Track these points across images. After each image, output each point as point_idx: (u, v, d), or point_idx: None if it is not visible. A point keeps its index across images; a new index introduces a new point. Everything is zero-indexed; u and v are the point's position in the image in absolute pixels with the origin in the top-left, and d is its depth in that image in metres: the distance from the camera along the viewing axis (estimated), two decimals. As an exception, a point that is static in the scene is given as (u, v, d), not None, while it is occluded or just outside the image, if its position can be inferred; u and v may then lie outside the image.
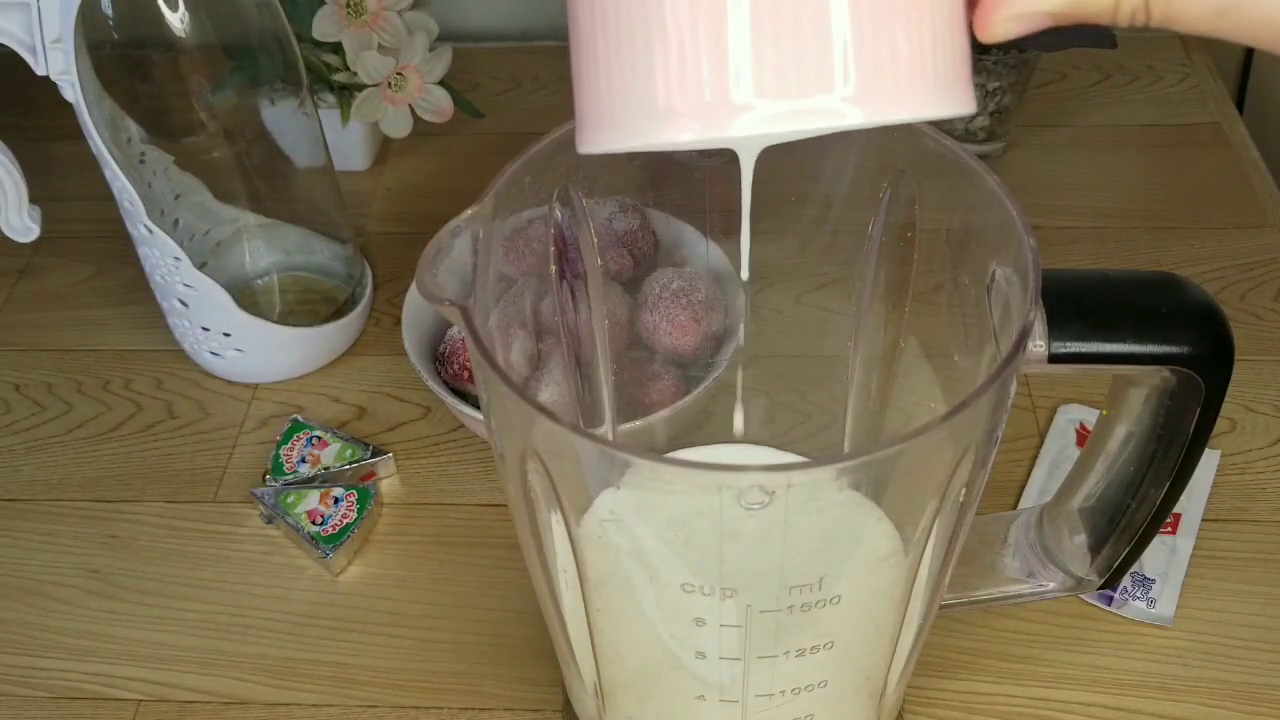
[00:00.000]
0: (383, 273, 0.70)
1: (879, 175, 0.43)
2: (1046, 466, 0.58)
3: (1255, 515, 0.56)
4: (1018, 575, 0.46)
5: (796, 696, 0.39)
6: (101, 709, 0.52)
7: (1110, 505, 0.42)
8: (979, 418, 0.33)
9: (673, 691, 0.41)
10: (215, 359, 0.63)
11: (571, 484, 0.35)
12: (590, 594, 0.38)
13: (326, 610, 0.55)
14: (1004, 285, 0.36)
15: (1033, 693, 0.50)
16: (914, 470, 0.34)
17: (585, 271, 0.45)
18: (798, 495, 0.32)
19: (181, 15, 0.54)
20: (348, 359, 0.66)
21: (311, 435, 0.60)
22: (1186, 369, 0.35)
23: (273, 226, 0.66)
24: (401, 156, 0.78)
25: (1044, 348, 0.35)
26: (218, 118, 0.59)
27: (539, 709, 0.51)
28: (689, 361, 0.54)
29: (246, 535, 0.58)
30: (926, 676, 0.51)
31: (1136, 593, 0.53)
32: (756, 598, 0.35)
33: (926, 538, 0.36)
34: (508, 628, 0.53)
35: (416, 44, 0.68)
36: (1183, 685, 0.50)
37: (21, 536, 0.59)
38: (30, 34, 0.52)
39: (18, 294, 0.71)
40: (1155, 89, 0.80)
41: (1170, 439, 0.38)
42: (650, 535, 0.37)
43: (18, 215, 0.56)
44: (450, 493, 0.59)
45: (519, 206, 0.40)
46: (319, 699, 0.52)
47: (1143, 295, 0.36)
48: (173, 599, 0.56)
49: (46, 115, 0.62)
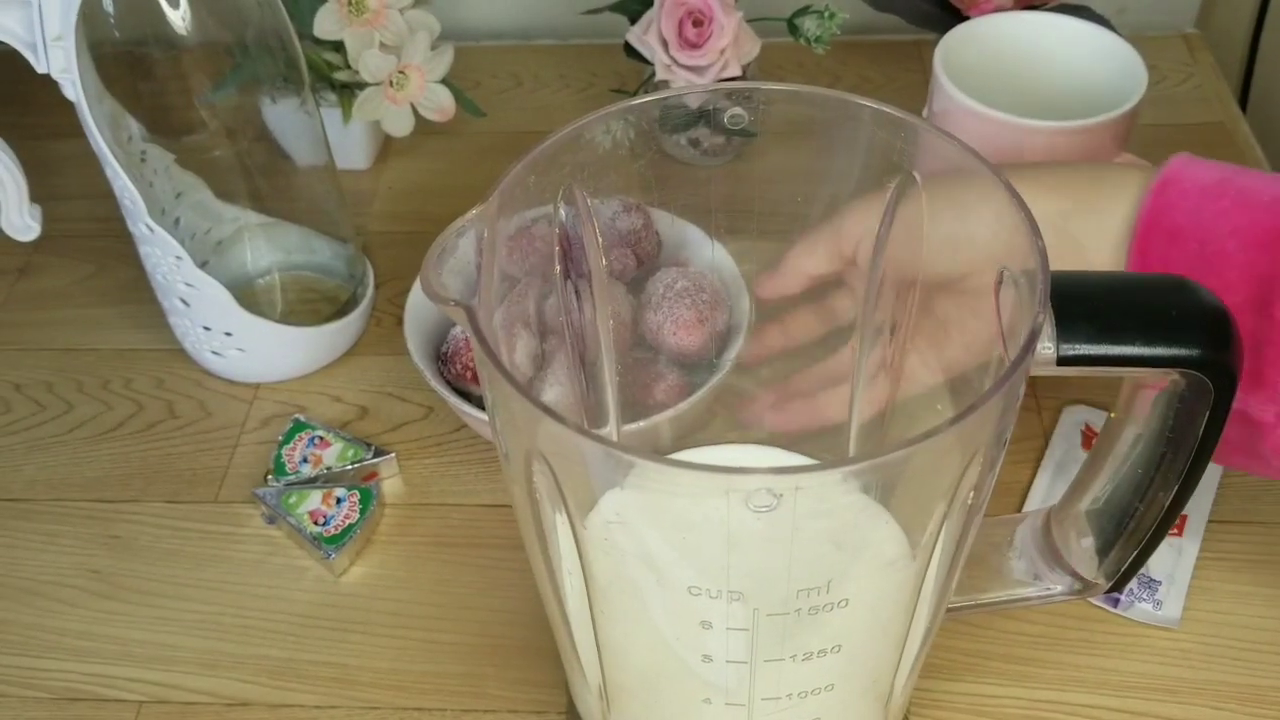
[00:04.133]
0: (384, 272, 0.69)
1: (885, 175, 0.43)
2: (1052, 468, 0.58)
3: (1262, 517, 0.56)
4: (1024, 578, 0.46)
5: (803, 700, 0.39)
6: (102, 710, 0.52)
7: (1118, 508, 0.42)
8: (988, 421, 0.33)
9: (679, 694, 0.41)
10: (216, 358, 0.63)
11: (577, 485, 0.35)
12: (595, 596, 0.37)
13: (328, 611, 0.55)
14: (1012, 287, 0.36)
15: (1039, 695, 0.50)
16: (922, 473, 0.34)
17: (590, 271, 0.45)
18: (806, 498, 0.32)
19: (183, 13, 0.54)
20: (349, 358, 0.66)
21: (313, 435, 0.60)
22: (1195, 372, 0.35)
23: (274, 225, 0.65)
24: (403, 155, 0.78)
25: (1052, 350, 0.34)
26: (219, 116, 0.59)
27: (542, 711, 0.50)
28: (693, 362, 0.54)
29: (248, 536, 0.58)
30: (933, 679, 0.50)
31: (1142, 595, 0.52)
32: (763, 601, 0.35)
33: (935, 541, 0.36)
34: (511, 629, 0.53)
35: (418, 42, 0.68)
36: (1189, 687, 0.50)
37: (22, 536, 0.58)
38: (31, 32, 0.52)
39: (18, 293, 0.71)
40: (1159, 89, 0.80)
41: (1179, 442, 0.38)
42: (656, 537, 0.37)
43: (18, 214, 0.56)
44: (453, 493, 0.59)
45: (523, 206, 0.40)
46: (321, 700, 0.51)
47: (1151, 298, 0.36)
48: (174, 599, 0.55)
49: (47, 113, 0.62)
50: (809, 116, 0.46)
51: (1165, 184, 0.44)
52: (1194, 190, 0.43)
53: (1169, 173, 0.44)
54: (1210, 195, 0.43)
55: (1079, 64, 0.62)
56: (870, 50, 0.84)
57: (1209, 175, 0.44)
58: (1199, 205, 0.43)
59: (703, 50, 0.67)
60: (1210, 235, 0.42)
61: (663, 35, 0.67)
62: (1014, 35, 0.63)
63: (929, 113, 0.62)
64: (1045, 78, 0.63)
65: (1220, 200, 0.43)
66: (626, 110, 0.41)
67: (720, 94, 0.47)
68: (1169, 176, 0.44)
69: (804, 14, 0.71)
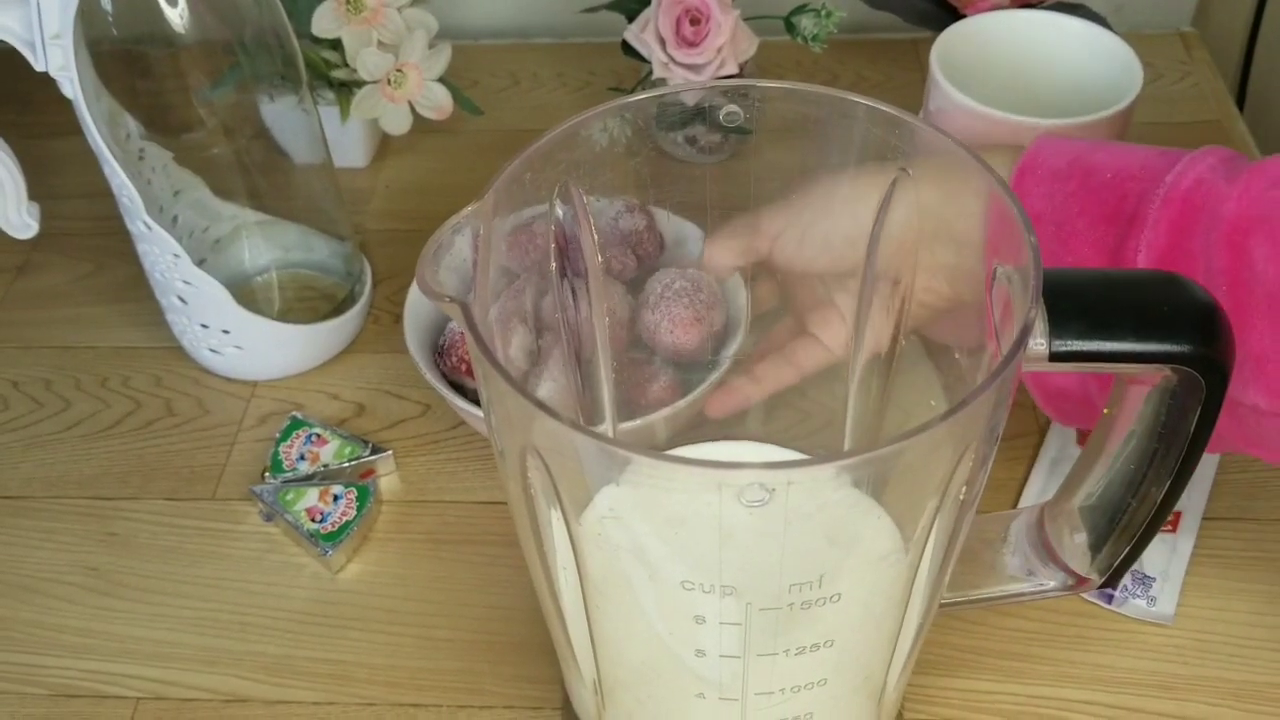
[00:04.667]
0: (382, 270, 0.69)
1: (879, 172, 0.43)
2: (1047, 465, 0.58)
3: (1256, 513, 0.56)
4: (1018, 574, 0.46)
5: (796, 694, 0.39)
6: (100, 706, 0.52)
7: (1111, 504, 0.42)
8: (979, 416, 0.33)
9: (672, 689, 0.41)
10: (214, 356, 0.63)
11: (571, 481, 0.35)
12: (590, 591, 0.38)
13: (325, 608, 0.55)
14: (1005, 283, 0.36)
15: (1033, 691, 0.50)
16: (914, 468, 0.34)
17: (586, 270, 0.45)
18: (798, 493, 0.32)
19: (181, 11, 0.54)
20: (347, 356, 0.66)
21: (311, 432, 0.60)
22: (1187, 368, 0.35)
23: (272, 223, 0.65)
24: (401, 153, 0.78)
25: (1045, 346, 0.34)
26: (217, 114, 0.59)
27: (538, 706, 0.51)
28: (690, 361, 0.54)
29: (245, 533, 0.58)
30: (926, 674, 0.51)
31: (1137, 591, 0.53)
32: (756, 595, 0.35)
33: (927, 536, 0.36)
34: (507, 625, 0.53)
35: (416, 41, 0.68)
36: (1183, 683, 0.50)
37: (20, 534, 0.59)
38: (29, 30, 0.52)
39: (16, 291, 0.71)
40: (1155, 87, 0.80)
41: (1171, 438, 0.38)
42: (650, 532, 0.37)
43: (16, 212, 0.56)
44: (449, 490, 0.59)
45: (519, 204, 0.40)
46: (318, 696, 0.52)
47: (1144, 294, 0.36)
48: (172, 596, 0.56)
49: (45, 111, 0.62)
50: (805, 114, 0.46)
51: (1022, 172, 0.47)
52: (1047, 175, 0.46)
53: (1026, 160, 0.47)
54: (1060, 178, 0.46)
55: (1075, 62, 0.63)
56: (867, 49, 0.84)
57: (1061, 159, 0.47)
58: (1052, 189, 0.46)
59: (700, 48, 0.67)
60: (1064, 216, 0.45)
61: (660, 33, 0.68)
62: (1011, 33, 0.63)
63: (926, 111, 0.62)
64: (1042, 76, 0.63)
65: (1069, 182, 0.46)
66: (623, 108, 0.42)
67: (717, 92, 0.47)
68: (1025, 164, 0.47)
69: (801, 12, 0.71)
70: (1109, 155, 0.46)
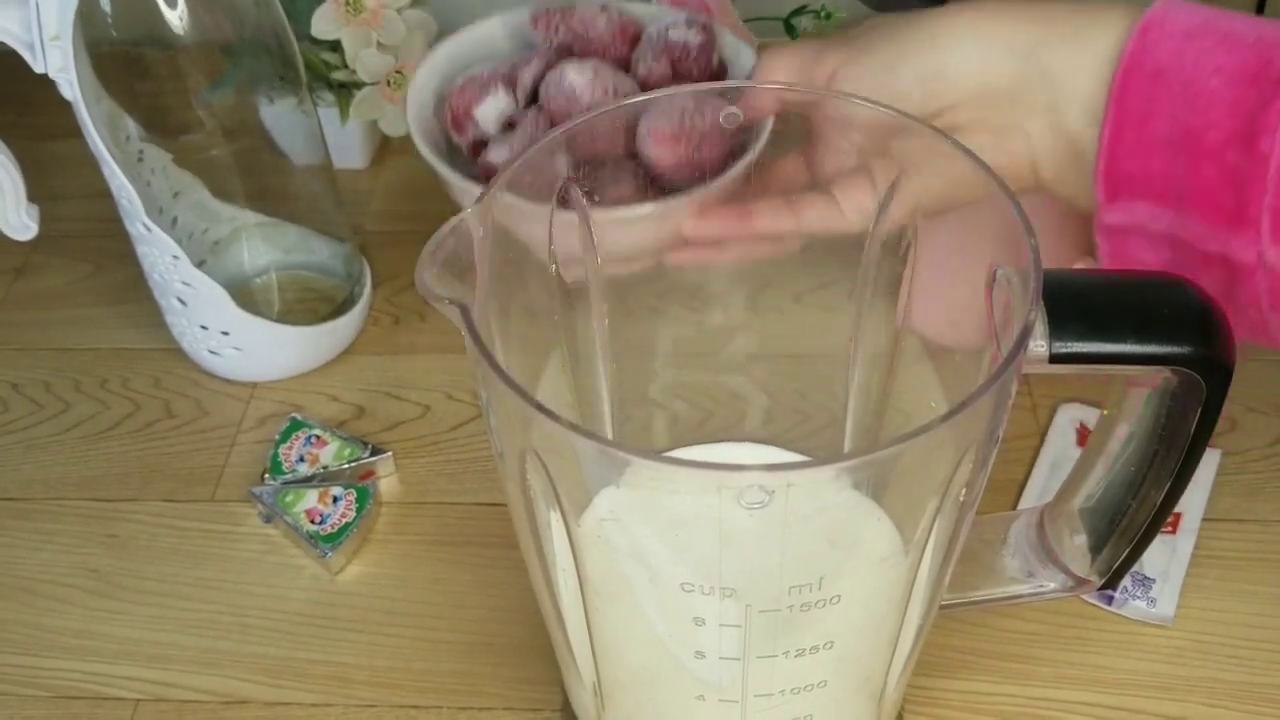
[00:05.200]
0: (381, 271, 0.69)
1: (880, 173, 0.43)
2: (1047, 466, 0.58)
3: (1256, 515, 0.56)
4: (1018, 575, 0.46)
5: (796, 696, 0.39)
6: (100, 708, 0.52)
7: (1111, 505, 0.42)
8: (980, 417, 0.33)
9: (672, 691, 0.41)
10: (213, 357, 0.63)
11: (571, 483, 0.35)
12: (589, 593, 0.38)
13: (325, 609, 0.55)
14: (1005, 284, 0.36)
15: (1033, 692, 0.50)
16: (914, 470, 0.34)
17: (588, 276, 0.45)
18: (798, 495, 0.32)
19: (180, 13, 0.54)
20: (346, 358, 0.66)
21: (310, 434, 0.60)
22: (1188, 369, 0.35)
23: (271, 225, 0.65)
24: (400, 155, 0.78)
25: (1045, 348, 0.34)
26: (216, 116, 0.59)
27: (538, 708, 0.51)
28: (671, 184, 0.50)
29: (245, 534, 0.58)
30: (926, 676, 0.51)
31: (1137, 592, 0.53)
32: (756, 597, 0.35)
33: (927, 538, 0.36)
34: (507, 627, 0.53)
35: (415, 42, 0.68)
36: (1183, 685, 0.50)
37: (19, 535, 0.58)
38: (29, 31, 0.52)
39: (15, 292, 0.71)
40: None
41: (1171, 439, 0.38)
42: (649, 535, 0.37)
43: (15, 213, 0.56)
44: (449, 492, 0.59)
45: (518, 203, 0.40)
46: (317, 698, 0.52)
47: (1144, 296, 0.36)
48: (171, 598, 0.56)
49: (45, 113, 0.62)
50: (803, 114, 0.46)
51: (1149, 24, 0.44)
52: (1178, 31, 0.43)
53: (1153, 14, 0.44)
54: (1194, 35, 0.43)
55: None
56: (867, 50, 0.84)
57: (1193, 18, 0.44)
58: (1183, 46, 0.43)
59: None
60: (1194, 75, 0.42)
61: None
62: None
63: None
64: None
65: (1204, 40, 0.43)
66: (621, 108, 0.42)
67: (715, 93, 0.47)
68: (1152, 19, 0.44)
69: (801, 14, 0.71)
70: (1248, 24, 0.43)
